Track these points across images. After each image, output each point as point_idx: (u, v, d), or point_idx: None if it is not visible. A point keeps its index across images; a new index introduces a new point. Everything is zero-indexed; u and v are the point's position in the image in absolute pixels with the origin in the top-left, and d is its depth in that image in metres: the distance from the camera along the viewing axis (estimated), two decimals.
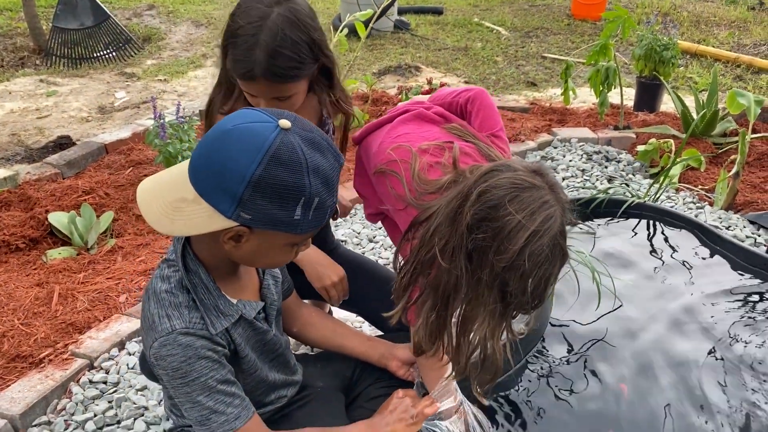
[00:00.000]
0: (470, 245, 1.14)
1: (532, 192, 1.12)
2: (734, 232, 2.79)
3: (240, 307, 1.24)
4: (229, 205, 1.04)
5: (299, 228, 1.08)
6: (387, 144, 1.52)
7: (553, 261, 1.14)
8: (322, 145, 1.08)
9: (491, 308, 1.17)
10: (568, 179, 3.28)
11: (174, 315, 1.16)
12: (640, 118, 4.00)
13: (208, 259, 1.20)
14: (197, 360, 1.15)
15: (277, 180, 1.02)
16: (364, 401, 1.56)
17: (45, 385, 1.90)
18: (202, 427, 1.19)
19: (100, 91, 4.69)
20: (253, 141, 1.03)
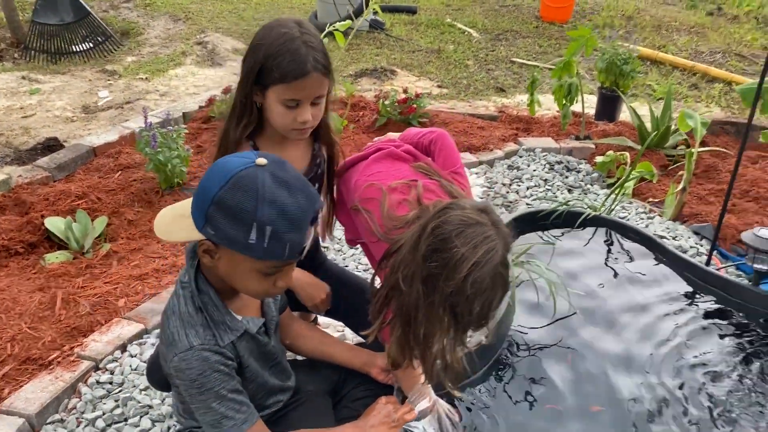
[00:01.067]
0: (425, 272, 1.36)
1: (476, 228, 1.35)
2: (680, 242, 3.09)
3: (244, 323, 1.46)
4: (201, 221, 1.27)
5: (255, 252, 1.26)
6: (362, 182, 1.75)
7: (495, 287, 1.36)
8: (293, 185, 1.28)
9: (445, 326, 1.41)
10: (532, 188, 3.54)
11: (191, 333, 1.37)
12: (601, 128, 4.28)
13: (215, 282, 1.42)
14: (212, 373, 1.37)
15: (233, 202, 1.23)
16: (349, 402, 1.78)
17: (56, 386, 2.09)
18: (214, 430, 1.41)
19: (83, 90, 4.79)
20: (226, 169, 1.26)
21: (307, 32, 1.59)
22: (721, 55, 6.47)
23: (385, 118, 4.10)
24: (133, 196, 3.25)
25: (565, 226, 3.01)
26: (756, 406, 2.03)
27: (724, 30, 7.33)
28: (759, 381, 2.14)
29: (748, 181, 3.60)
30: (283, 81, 1.55)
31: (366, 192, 1.69)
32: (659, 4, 8.50)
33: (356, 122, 4.17)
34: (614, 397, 2.05)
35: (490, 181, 3.60)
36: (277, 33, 1.57)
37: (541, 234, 2.97)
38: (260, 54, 1.57)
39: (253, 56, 1.59)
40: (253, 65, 1.58)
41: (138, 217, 3.13)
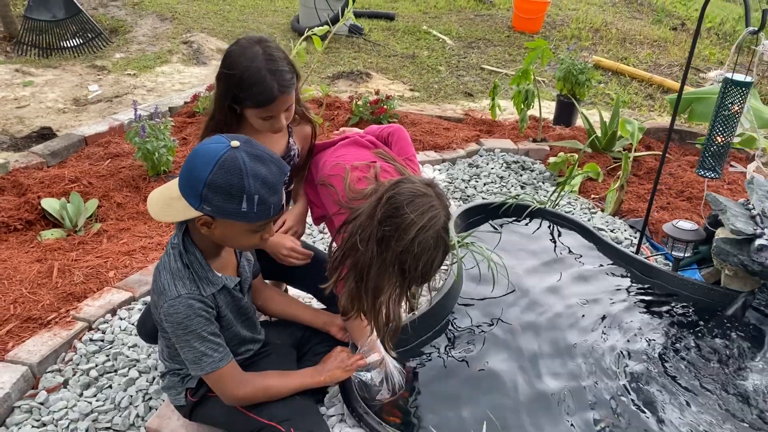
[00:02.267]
0: (379, 234, 1.68)
1: (423, 198, 1.67)
2: (616, 234, 3.44)
3: (223, 279, 1.77)
4: (196, 201, 1.57)
5: (248, 218, 1.59)
6: (330, 161, 2.08)
7: (437, 248, 1.68)
8: (265, 158, 1.59)
9: (393, 281, 1.73)
10: (489, 185, 3.88)
11: (179, 284, 1.67)
12: (557, 132, 4.64)
13: (200, 244, 1.73)
14: (195, 317, 1.67)
15: (224, 182, 1.54)
16: (312, 356, 2.09)
17: (54, 341, 2.37)
18: (195, 366, 1.71)
19: (74, 83, 5.06)
20: (209, 155, 1.55)
21: (270, 56, 1.84)
22: (679, 68, 6.88)
23: (358, 118, 4.43)
24: (122, 182, 3.53)
25: (513, 217, 3.35)
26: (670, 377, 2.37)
27: (684, 44, 7.76)
28: (675, 354, 2.47)
29: (684, 183, 3.98)
30: (255, 107, 1.87)
31: (332, 170, 2.02)
32: (626, 18, 8.93)
33: (331, 121, 4.49)
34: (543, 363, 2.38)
35: (451, 176, 3.94)
36: (245, 63, 1.83)
37: (492, 223, 3.31)
38: (232, 84, 1.85)
39: (226, 84, 1.87)
40: (226, 92, 1.88)
41: (126, 200, 3.42)
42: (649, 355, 2.43)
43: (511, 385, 2.23)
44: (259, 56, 1.83)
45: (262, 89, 1.83)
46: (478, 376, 2.27)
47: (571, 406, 2.15)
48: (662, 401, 2.21)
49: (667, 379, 2.32)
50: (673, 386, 2.28)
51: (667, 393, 2.25)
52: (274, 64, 1.83)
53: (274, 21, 7.18)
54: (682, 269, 3.05)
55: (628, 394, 2.22)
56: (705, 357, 2.45)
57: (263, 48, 1.86)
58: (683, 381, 2.31)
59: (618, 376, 2.31)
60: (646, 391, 2.25)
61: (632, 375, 2.32)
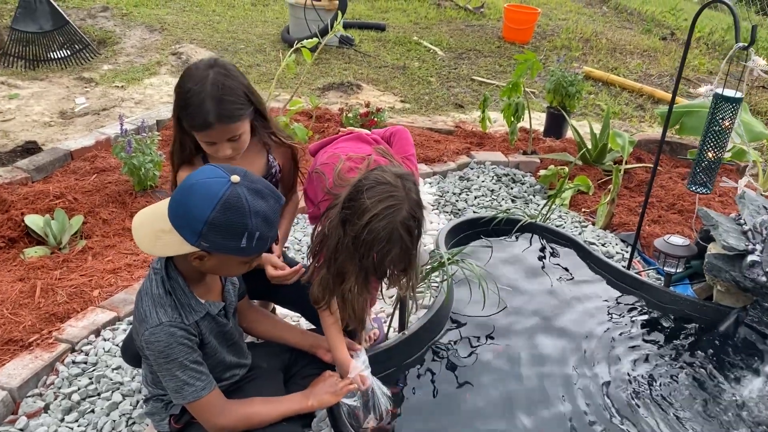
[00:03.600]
0: (341, 216, 1.68)
1: (385, 187, 1.65)
2: (608, 248, 3.43)
3: (207, 305, 1.73)
4: (192, 237, 1.52)
5: (246, 252, 1.57)
6: (329, 151, 2.07)
7: (391, 242, 1.63)
8: (264, 192, 1.57)
9: (354, 268, 1.71)
10: (479, 198, 3.86)
11: (161, 312, 1.63)
12: (547, 144, 4.63)
13: (183, 270, 1.69)
14: (177, 345, 1.63)
15: (226, 221, 1.50)
16: (299, 379, 2.04)
17: (35, 364, 2.32)
18: (177, 395, 1.67)
19: (61, 96, 5.01)
20: (210, 193, 1.51)
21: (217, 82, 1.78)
22: (669, 78, 6.90)
23: None
24: (107, 197, 3.48)
25: (504, 233, 3.32)
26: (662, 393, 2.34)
27: (674, 54, 7.79)
28: (667, 371, 2.45)
29: (675, 196, 3.97)
30: (192, 130, 1.83)
31: (328, 159, 2.00)
32: (616, 28, 8.96)
33: (321, 133, 4.45)
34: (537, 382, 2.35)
35: (441, 190, 3.91)
36: (189, 84, 1.79)
37: (483, 238, 3.28)
38: (176, 103, 1.83)
39: (175, 103, 1.85)
40: (174, 111, 1.86)
41: (112, 216, 3.37)
42: (641, 372, 2.40)
43: (501, 407, 2.20)
44: (207, 80, 1.78)
45: (198, 113, 1.78)
46: (467, 397, 2.24)
47: (562, 427, 2.12)
48: (654, 418, 2.18)
49: (658, 395, 2.29)
50: (664, 403, 2.26)
51: (659, 409, 2.22)
52: (218, 91, 1.77)
53: (264, 32, 7.16)
54: (674, 284, 3.03)
55: (619, 413, 2.19)
56: (697, 373, 2.43)
57: (215, 73, 1.80)
58: (675, 398, 2.28)
59: (609, 393, 2.28)
60: (637, 409, 2.22)
61: (623, 392, 2.29)
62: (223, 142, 1.85)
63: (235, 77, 1.85)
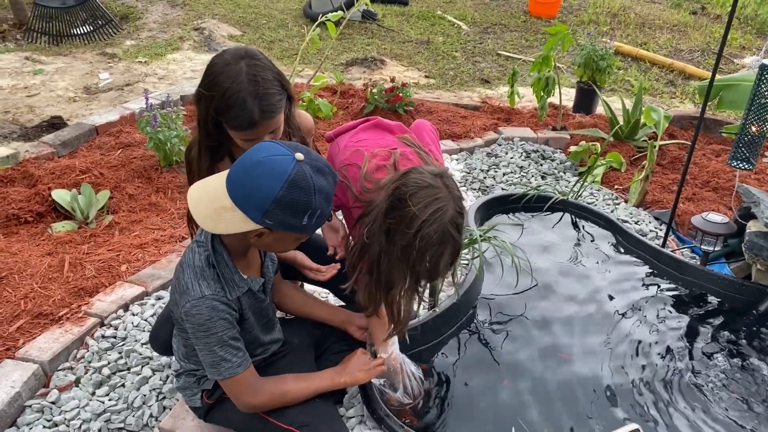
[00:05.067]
0: (384, 227, 1.62)
1: (428, 190, 1.57)
2: (641, 226, 3.34)
3: (249, 281, 1.69)
4: (257, 215, 1.49)
5: (305, 230, 1.55)
6: (349, 146, 1.98)
7: (444, 243, 1.55)
8: (324, 170, 1.54)
9: (403, 275, 1.64)
10: (508, 175, 3.78)
11: (204, 285, 1.59)
12: (577, 120, 4.53)
13: (230, 245, 1.65)
14: (218, 320, 1.59)
15: (293, 199, 1.48)
16: (330, 355, 2.03)
17: (66, 338, 2.32)
18: (213, 370, 1.64)
19: (84, 72, 4.99)
20: (278, 170, 1.47)
21: (253, 76, 1.65)
22: (700, 53, 6.72)
23: (373, 106, 4.33)
24: (133, 173, 3.46)
25: (535, 210, 3.26)
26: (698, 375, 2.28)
27: (705, 29, 7.57)
28: (704, 352, 2.38)
29: (710, 173, 3.86)
30: (235, 131, 1.73)
31: (351, 157, 1.92)
32: (644, 3, 8.73)
33: (345, 109, 4.39)
34: (568, 361, 2.30)
35: (469, 167, 3.84)
36: (225, 83, 1.65)
37: (512, 216, 3.21)
38: (212, 107, 1.69)
39: (206, 105, 1.71)
40: (207, 116, 1.72)
41: (138, 191, 3.35)
42: (677, 353, 2.34)
43: (534, 384, 2.15)
44: (242, 75, 1.66)
45: (242, 113, 1.67)
46: (500, 374, 2.19)
47: (596, 406, 2.07)
48: (689, 400, 2.13)
49: (694, 376, 2.24)
50: (700, 384, 2.20)
51: (695, 390, 2.17)
52: (257, 86, 1.66)
53: (286, 7, 7.07)
54: (710, 263, 2.94)
55: (653, 393, 2.14)
56: (735, 354, 2.36)
57: (248, 66, 1.67)
58: (711, 379, 2.23)
59: (644, 374, 2.23)
60: (672, 390, 2.17)
61: (659, 373, 2.24)
62: (264, 136, 1.76)
63: (267, 66, 1.74)
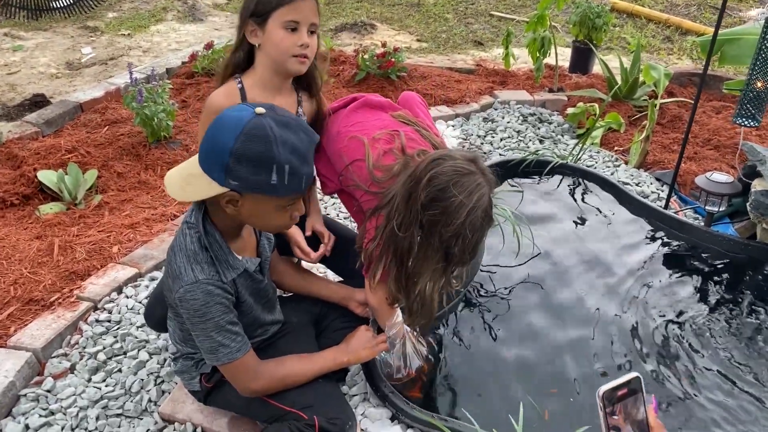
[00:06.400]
0: (423, 219, 1.56)
1: (469, 177, 1.53)
2: (642, 188, 3.27)
3: (244, 262, 1.62)
4: (220, 175, 1.41)
5: (279, 191, 1.44)
6: (344, 132, 1.89)
7: (484, 226, 1.58)
8: (293, 125, 1.45)
9: (436, 266, 1.61)
10: (505, 140, 3.70)
11: (197, 269, 1.52)
12: (574, 80, 4.42)
13: (220, 224, 1.57)
14: (214, 305, 1.53)
15: (251, 151, 1.39)
16: (330, 333, 1.98)
17: (58, 324, 2.25)
18: (211, 356, 1.58)
19: (66, 47, 4.84)
20: (233, 123, 1.40)
21: None
22: (696, 7, 6.57)
23: (365, 73, 4.21)
24: (121, 150, 3.37)
25: (534, 175, 3.18)
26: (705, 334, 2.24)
27: None
28: (711, 313, 2.34)
29: (710, 131, 3.78)
30: (281, 4, 1.69)
31: (349, 148, 1.83)
32: None
33: (336, 77, 4.28)
34: (574, 327, 2.26)
35: (465, 132, 3.75)
36: None
37: (510, 181, 3.14)
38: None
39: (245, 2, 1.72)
40: (245, 10, 1.73)
41: (127, 169, 3.26)
42: (683, 314, 2.31)
43: (537, 353, 2.12)
44: None
45: None
46: (504, 346, 2.15)
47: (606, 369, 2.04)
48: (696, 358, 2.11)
49: (700, 336, 2.21)
50: (706, 343, 2.18)
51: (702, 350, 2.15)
52: None
53: None
54: (715, 223, 2.89)
55: (661, 354, 2.11)
56: (741, 314, 2.32)
57: None
58: (717, 339, 2.20)
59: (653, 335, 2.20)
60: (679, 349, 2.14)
61: (665, 333, 2.21)
62: (306, 26, 1.73)
63: None
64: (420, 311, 1.72)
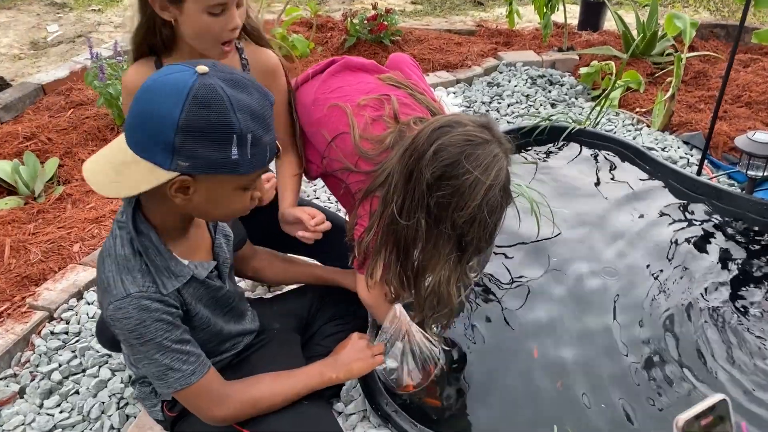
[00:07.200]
0: (431, 203, 1.23)
1: (484, 147, 1.21)
2: (669, 153, 2.93)
3: (191, 267, 1.29)
4: (165, 157, 1.07)
5: (241, 168, 1.11)
6: (322, 100, 1.56)
7: (504, 206, 1.27)
8: (245, 83, 1.11)
9: (448, 257, 1.30)
10: (513, 105, 3.34)
11: (128, 279, 1.20)
12: (584, 38, 4.05)
13: (158, 221, 1.24)
14: (152, 323, 1.21)
15: (203, 121, 1.06)
16: (320, 339, 1.69)
17: (6, 340, 1.94)
18: (160, 382, 1.26)
19: (31, 25, 4.49)
20: (174, 89, 1.06)
21: None
22: None
23: (355, 38, 3.84)
24: (86, 135, 3.02)
25: (549, 143, 2.84)
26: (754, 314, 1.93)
27: None
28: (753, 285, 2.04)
29: (740, 86, 3.41)
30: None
31: (330, 119, 1.52)
32: None
33: (324, 44, 3.91)
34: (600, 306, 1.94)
35: (468, 99, 3.39)
36: None
37: (523, 152, 2.80)
38: None
39: None
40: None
41: None
42: (721, 290, 2.02)
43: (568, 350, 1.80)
44: None
45: None
46: (526, 341, 1.83)
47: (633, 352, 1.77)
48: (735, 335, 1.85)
49: (740, 312, 1.94)
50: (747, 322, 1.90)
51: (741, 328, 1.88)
52: None
53: None
54: (756, 189, 2.54)
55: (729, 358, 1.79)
56: None
57: None
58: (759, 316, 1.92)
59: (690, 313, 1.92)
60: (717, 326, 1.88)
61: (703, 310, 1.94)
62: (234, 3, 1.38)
63: None
64: (437, 309, 1.43)
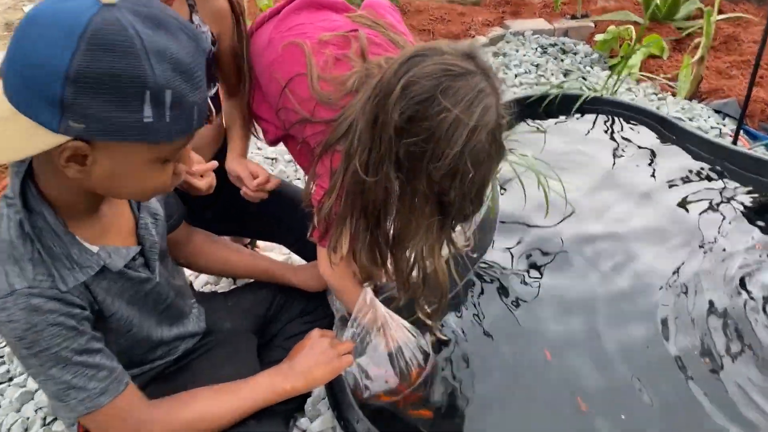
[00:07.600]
0: (400, 152, 0.97)
1: (466, 79, 0.94)
2: (698, 123, 2.61)
3: (103, 255, 0.99)
4: (51, 115, 0.77)
5: (157, 134, 0.81)
6: (278, 39, 1.29)
7: (493, 157, 0.99)
8: (168, 23, 0.80)
9: (428, 222, 1.04)
10: (521, 75, 3.03)
11: (13, 271, 0.90)
12: (600, 5, 3.75)
13: (56, 197, 0.93)
14: (45, 327, 0.91)
15: (103, 69, 0.75)
16: (282, 340, 1.43)
17: None
18: (59, 403, 0.97)
19: (7, 5, 4.29)
20: (65, 24, 0.75)
21: None
22: None
23: None
24: None
25: (561, 114, 2.52)
26: None
27: None
28: None
29: None
30: None
31: (285, 60, 1.25)
32: None
33: None
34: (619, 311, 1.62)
35: None
36: None
37: (532, 123, 2.48)
38: None
39: None
40: None
41: None
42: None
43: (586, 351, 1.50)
44: None
45: None
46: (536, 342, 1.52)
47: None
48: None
49: None
50: None
51: None
52: None
53: None
54: None
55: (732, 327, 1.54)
56: None
57: None
58: None
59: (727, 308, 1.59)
60: None
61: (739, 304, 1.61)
62: None
63: None
64: (423, 290, 1.19)
